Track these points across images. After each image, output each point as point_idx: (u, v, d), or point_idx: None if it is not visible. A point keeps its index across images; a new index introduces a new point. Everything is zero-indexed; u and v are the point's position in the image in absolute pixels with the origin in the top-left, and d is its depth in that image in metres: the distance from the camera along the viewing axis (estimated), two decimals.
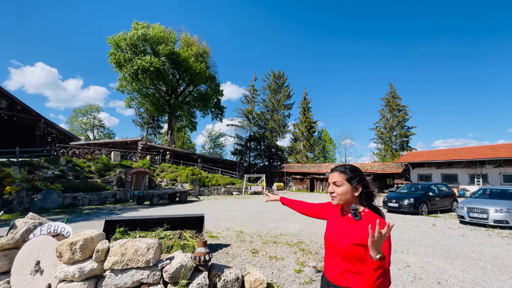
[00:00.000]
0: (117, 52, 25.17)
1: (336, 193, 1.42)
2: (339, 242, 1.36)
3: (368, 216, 1.36)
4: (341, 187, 1.41)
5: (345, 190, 1.40)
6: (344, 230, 1.39)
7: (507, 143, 25.65)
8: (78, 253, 2.79)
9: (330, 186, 1.47)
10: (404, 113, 40.08)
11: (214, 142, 56.52)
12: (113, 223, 5.15)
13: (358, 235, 1.30)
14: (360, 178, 1.42)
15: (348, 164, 1.51)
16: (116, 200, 15.72)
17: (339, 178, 1.43)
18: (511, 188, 9.62)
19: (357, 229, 1.32)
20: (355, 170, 1.45)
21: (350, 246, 1.30)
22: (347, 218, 1.43)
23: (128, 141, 29.42)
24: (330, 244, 1.44)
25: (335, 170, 1.48)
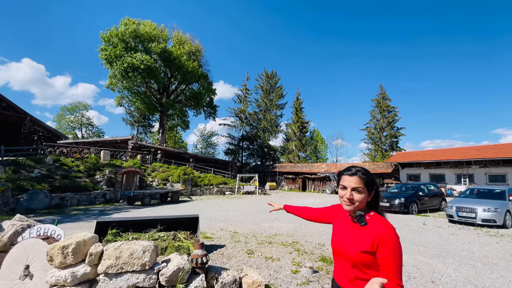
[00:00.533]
0: (108, 48, 24.60)
1: (355, 199, 1.32)
2: (346, 249, 1.32)
3: (373, 220, 1.32)
4: (362, 194, 1.32)
5: (365, 197, 1.33)
6: (351, 236, 1.34)
7: (492, 144, 26.57)
8: (70, 257, 2.68)
9: (347, 191, 1.35)
10: (394, 114, 40.86)
11: (206, 142, 56.12)
12: (104, 224, 5.02)
13: (365, 242, 1.26)
14: (374, 182, 1.37)
15: (359, 166, 1.41)
16: (105, 201, 15.35)
17: (361, 184, 1.33)
18: (497, 188, 9.93)
19: (364, 236, 1.28)
20: (371, 175, 1.38)
21: (357, 254, 1.26)
22: (353, 224, 1.38)
23: (118, 140, 28.84)
24: (338, 251, 1.40)
25: (353, 174, 1.36)
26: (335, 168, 32.14)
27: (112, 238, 4.71)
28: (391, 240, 1.20)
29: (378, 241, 1.21)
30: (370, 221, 1.31)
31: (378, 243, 1.21)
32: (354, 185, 1.33)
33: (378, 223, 1.28)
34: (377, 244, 1.21)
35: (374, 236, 1.23)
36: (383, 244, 1.20)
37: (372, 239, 1.23)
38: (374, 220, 1.31)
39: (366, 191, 1.33)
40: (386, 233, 1.22)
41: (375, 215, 1.34)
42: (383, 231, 1.23)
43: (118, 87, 28.25)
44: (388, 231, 1.22)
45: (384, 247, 1.19)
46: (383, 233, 1.22)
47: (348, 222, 1.42)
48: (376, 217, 1.33)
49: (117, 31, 24.86)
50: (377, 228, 1.25)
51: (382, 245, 1.20)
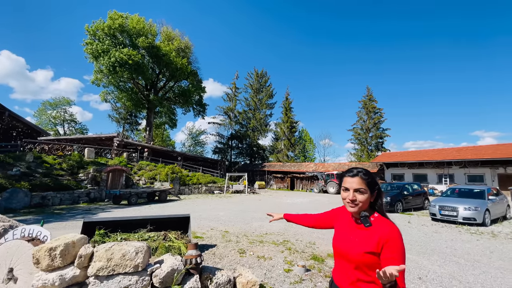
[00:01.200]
0: (93, 42, 23.72)
1: (359, 200, 1.33)
2: (350, 250, 1.31)
3: (378, 221, 1.31)
4: (365, 195, 1.33)
5: (367, 198, 1.33)
6: (355, 238, 1.34)
7: (472, 145, 27.82)
8: (58, 259, 2.57)
9: (349, 192, 1.35)
10: (380, 115, 41.90)
11: (194, 140, 55.44)
12: (91, 224, 4.85)
13: (370, 242, 1.25)
14: (376, 183, 1.37)
15: (360, 167, 1.42)
16: (90, 200, 14.86)
17: (363, 185, 1.34)
18: (477, 187, 10.40)
19: (368, 236, 1.28)
20: (372, 175, 1.39)
21: (362, 255, 1.25)
22: (356, 225, 1.37)
23: (103, 137, 27.97)
24: (340, 252, 1.38)
25: (354, 175, 1.37)
26: (323, 168, 32.63)
27: (99, 238, 4.55)
28: (395, 242, 1.20)
29: (383, 242, 1.21)
30: (375, 222, 1.31)
31: (383, 244, 1.21)
32: (357, 186, 1.34)
33: (383, 224, 1.29)
34: (382, 244, 1.21)
35: (380, 237, 1.23)
36: (388, 245, 1.20)
37: (377, 240, 1.23)
38: (379, 221, 1.31)
39: (368, 192, 1.34)
40: (391, 234, 1.22)
41: (379, 216, 1.34)
42: (389, 232, 1.23)
43: (104, 82, 27.34)
44: (394, 233, 1.23)
45: (389, 248, 1.19)
46: (388, 234, 1.22)
47: (351, 223, 1.41)
48: (381, 218, 1.33)
49: (104, 25, 24.03)
50: (382, 229, 1.25)
51: (387, 246, 1.20)
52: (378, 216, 1.34)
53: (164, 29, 31.05)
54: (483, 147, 24.71)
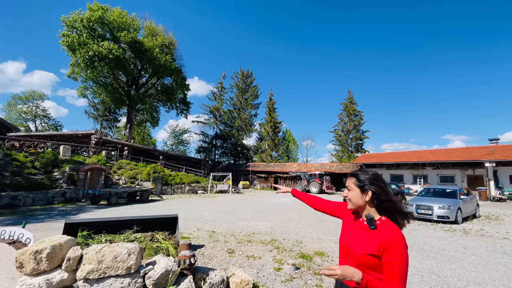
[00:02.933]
0: (70, 34, 22.45)
1: (348, 197, 1.44)
2: (353, 249, 1.35)
3: (384, 225, 1.31)
4: (352, 192, 1.42)
5: (355, 195, 1.40)
6: (359, 237, 1.37)
7: (444, 148, 29.56)
8: (44, 263, 2.44)
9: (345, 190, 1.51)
10: (360, 118, 43.34)
11: (177, 139, 54.27)
12: (73, 226, 4.62)
13: (372, 245, 1.27)
14: (370, 182, 1.37)
15: (365, 169, 1.48)
16: (65, 200, 14.10)
17: (350, 182, 1.45)
18: (450, 187, 11.10)
19: (372, 239, 1.29)
20: (367, 175, 1.41)
21: (363, 255, 1.28)
22: (362, 225, 1.40)
23: (79, 134, 26.64)
24: (345, 249, 1.43)
25: (348, 175, 1.51)
26: (306, 168, 33.23)
27: (83, 240, 4.35)
28: (397, 247, 1.20)
29: (384, 246, 1.22)
30: (381, 225, 1.32)
31: (384, 248, 1.22)
32: (346, 184, 1.49)
33: (387, 228, 1.28)
34: (383, 248, 1.23)
35: (382, 240, 1.24)
36: (389, 249, 1.21)
37: (379, 243, 1.24)
38: (384, 225, 1.31)
39: (356, 190, 1.40)
40: (393, 239, 1.22)
41: (386, 220, 1.33)
42: (391, 236, 1.23)
43: (82, 77, 26.00)
44: (396, 238, 1.22)
45: (390, 253, 1.20)
46: (390, 238, 1.23)
47: (358, 222, 1.45)
48: (387, 223, 1.32)
49: (82, 16, 22.83)
50: (386, 233, 1.26)
51: (388, 251, 1.21)
52: (385, 220, 1.33)
53: (148, 24, 30.10)
54: (454, 150, 26.36)
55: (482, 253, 5.48)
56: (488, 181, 20.24)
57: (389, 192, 1.38)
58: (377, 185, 1.37)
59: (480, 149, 23.56)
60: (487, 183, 20.39)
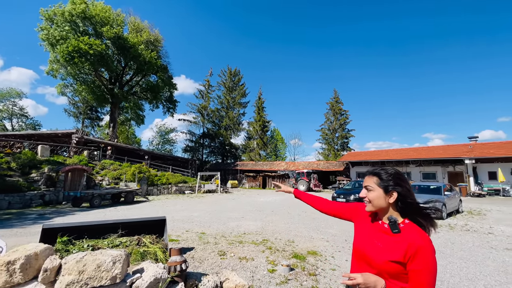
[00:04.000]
0: (49, 27, 21.27)
1: (368, 198, 1.29)
2: (373, 255, 1.21)
3: (408, 228, 1.18)
4: (373, 192, 1.28)
5: (377, 196, 1.26)
6: (380, 243, 1.23)
7: (426, 146, 30.61)
8: (18, 275, 2.19)
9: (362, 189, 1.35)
10: (345, 117, 44.15)
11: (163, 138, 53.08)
12: (52, 231, 4.29)
13: (396, 251, 1.14)
14: (395, 182, 1.25)
15: (386, 167, 1.34)
16: (44, 203, 13.34)
17: (370, 182, 1.30)
18: (434, 184, 11.44)
19: (395, 244, 1.17)
20: (390, 174, 1.29)
21: (386, 263, 1.15)
22: (383, 229, 1.26)
23: (59, 134, 25.44)
24: (362, 255, 1.28)
25: (367, 173, 1.36)
26: (294, 166, 33.43)
27: (62, 247, 4.04)
28: (426, 253, 1.09)
29: (412, 252, 1.10)
30: (404, 229, 1.19)
31: (411, 255, 1.10)
32: (365, 184, 1.33)
33: (413, 232, 1.16)
34: (410, 255, 1.10)
35: (408, 246, 1.12)
36: (417, 256, 1.09)
37: (406, 249, 1.12)
38: (409, 229, 1.19)
39: (379, 190, 1.26)
40: (422, 244, 1.10)
41: (410, 223, 1.21)
42: (419, 242, 1.11)
43: (61, 74, 24.76)
44: (425, 243, 1.11)
45: (418, 260, 1.09)
46: (418, 244, 1.10)
47: (377, 226, 1.31)
48: (411, 226, 1.20)
49: (63, 9, 21.70)
50: (412, 238, 1.13)
51: (416, 257, 1.09)
52: (409, 223, 1.21)
53: (132, 20, 29.11)
54: (435, 148, 27.34)
55: (470, 248, 5.61)
56: (468, 177, 21.12)
57: (413, 193, 1.27)
58: (402, 185, 1.25)
59: (460, 146, 24.54)
60: (467, 180, 21.27)
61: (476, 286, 3.69)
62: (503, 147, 21.25)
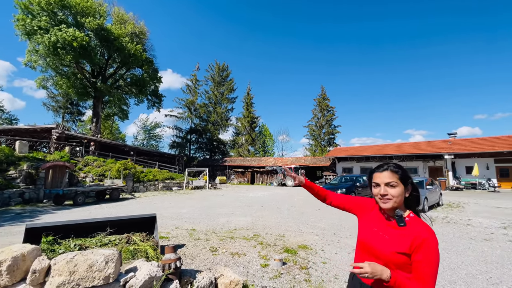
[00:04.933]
0: (26, 17, 20.03)
1: (391, 195, 1.27)
2: (381, 248, 1.26)
3: (413, 222, 1.25)
4: (397, 188, 1.27)
5: (400, 192, 1.27)
6: (386, 235, 1.28)
7: (408, 142, 31.71)
8: (5, 277, 2.09)
9: (380, 187, 1.31)
10: (332, 113, 44.84)
11: (149, 133, 51.84)
12: (35, 230, 4.12)
13: (403, 243, 1.21)
14: (409, 177, 1.31)
15: (392, 162, 1.38)
16: (24, 201, 12.76)
17: (393, 178, 1.29)
18: (416, 178, 11.84)
19: (402, 236, 1.23)
20: (403, 168, 1.34)
21: (393, 254, 1.21)
22: (389, 222, 1.31)
23: (37, 129, 24.25)
24: (369, 248, 1.34)
25: (384, 170, 1.33)
26: (282, 162, 33.71)
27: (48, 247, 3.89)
28: (430, 245, 1.16)
29: (417, 244, 1.17)
30: (410, 222, 1.25)
31: (416, 246, 1.17)
32: (387, 180, 1.29)
33: (418, 225, 1.23)
34: (415, 246, 1.17)
35: (414, 238, 1.19)
36: (421, 247, 1.16)
37: (411, 241, 1.19)
38: (414, 222, 1.25)
39: (401, 186, 1.28)
40: (426, 237, 1.17)
41: (415, 217, 1.28)
42: (424, 234, 1.18)
43: (40, 65, 23.48)
44: (429, 235, 1.17)
45: (422, 251, 1.15)
46: (423, 236, 1.17)
47: (381, 220, 1.35)
48: (416, 219, 1.27)
49: None
50: (417, 230, 1.20)
51: (420, 249, 1.16)
52: (414, 217, 1.28)
53: (116, 10, 27.96)
54: (417, 144, 28.38)
55: (451, 240, 5.90)
56: (447, 172, 22.13)
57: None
58: (411, 177, 1.32)
59: (440, 142, 25.62)
60: (446, 174, 22.29)
61: (458, 275, 3.90)
62: (479, 143, 22.40)
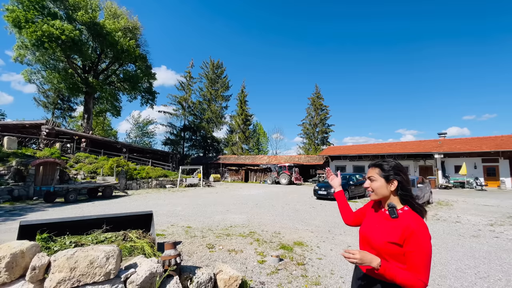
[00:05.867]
0: (16, 8, 19.43)
1: (372, 187, 1.44)
2: (374, 238, 1.35)
3: (406, 214, 1.31)
4: (376, 182, 1.42)
5: (379, 185, 1.40)
6: (380, 227, 1.37)
7: (400, 141, 32.27)
8: (3, 274, 2.07)
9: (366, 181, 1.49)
10: (326, 112, 45.16)
11: (141, 130, 51.16)
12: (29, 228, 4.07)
13: (394, 233, 1.27)
14: (395, 172, 1.39)
15: (386, 159, 1.49)
16: (13, 198, 12.49)
17: (373, 172, 1.45)
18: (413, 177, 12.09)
19: (393, 227, 1.29)
20: (389, 165, 1.42)
21: (384, 244, 1.28)
22: (383, 215, 1.40)
23: (26, 125, 23.69)
24: (365, 239, 1.43)
25: (370, 165, 1.50)
26: (276, 160, 33.85)
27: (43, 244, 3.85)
28: (420, 236, 1.20)
29: (406, 234, 1.22)
30: (402, 215, 1.32)
31: (406, 237, 1.22)
32: (369, 174, 1.48)
33: (410, 217, 1.28)
34: (405, 237, 1.22)
35: (404, 229, 1.24)
36: (411, 238, 1.20)
37: (401, 232, 1.24)
38: (407, 215, 1.31)
39: (382, 180, 1.40)
40: (416, 228, 1.22)
41: (409, 210, 1.33)
42: (414, 225, 1.23)
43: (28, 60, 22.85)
44: (419, 227, 1.22)
45: (412, 242, 1.20)
46: (413, 227, 1.22)
47: (380, 213, 1.45)
48: (409, 212, 1.32)
49: None
50: (408, 222, 1.25)
51: (410, 240, 1.21)
52: (408, 210, 1.34)
53: (109, 4, 27.37)
54: (408, 143, 28.92)
55: (440, 236, 6.08)
56: (437, 171, 22.67)
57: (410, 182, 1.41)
58: (401, 175, 1.39)
59: (430, 142, 26.18)
60: (435, 173, 22.83)
61: (448, 270, 4.03)
62: (468, 143, 23.00)
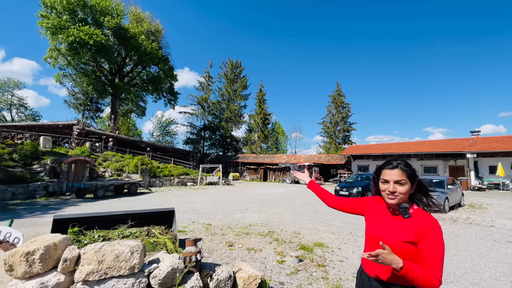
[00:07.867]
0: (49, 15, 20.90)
1: (399, 192, 1.35)
2: (387, 239, 1.32)
3: (417, 213, 1.33)
4: (405, 186, 1.35)
5: (407, 189, 1.35)
6: (392, 227, 1.35)
7: (428, 140, 30.57)
8: (37, 265, 2.21)
9: (389, 184, 1.37)
10: (347, 110, 43.88)
11: (164, 130, 52.92)
12: (62, 221, 4.32)
13: (409, 232, 1.28)
14: (416, 175, 1.39)
15: (401, 160, 1.45)
16: (48, 194, 13.44)
17: (403, 176, 1.36)
18: (437, 178, 11.44)
19: (407, 226, 1.30)
20: (412, 167, 1.41)
21: (400, 244, 1.27)
22: (394, 215, 1.39)
23: (60, 125, 25.35)
24: (375, 240, 1.40)
25: (394, 167, 1.39)
26: (295, 159, 33.49)
27: (74, 237, 4.08)
28: (434, 233, 1.23)
29: (422, 232, 1.24)
30: (414, 214, 1.33)
31: (421, 235, 1.24)
32: (397, 178, 1.36)
33: (422, 215, 1.31)
34: (420, 235, 1.24)
35: (419, 227, 1.26)
36: (426, 235, 1.23)
37: (417, 230, 1.25)
38: (418, 213, 1.33)
39: (409, 183, 1.36)
40: (431, 225, 1.25)
41: (419, 209, 1.36)
42: (428, 223, 1.26)
43: (60, 63, 24.47)
44: (433, 224, 1.25)
45: (427, 239, 1.22)
46: (428, 225, 1.25)
47: (387, 214, 1.42)
48: (420, 211, 1.35)
49: None
50: (422, 220, 1.28)
51: (425, 237, 1.23)
52: (418, 209, 1.36)
53: (133, 9, 28.58)
54: (437, 141, 27.30)
55: (473, 241, 5.67)
56: (469, 171, 21.18)
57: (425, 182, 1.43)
58: (419, 176, 1.41)
59: (462, 141, 24.50)
60: (467, 173, 21.34)
61: (481, 277, 3.75)
62: (504, 141, 21.23)
